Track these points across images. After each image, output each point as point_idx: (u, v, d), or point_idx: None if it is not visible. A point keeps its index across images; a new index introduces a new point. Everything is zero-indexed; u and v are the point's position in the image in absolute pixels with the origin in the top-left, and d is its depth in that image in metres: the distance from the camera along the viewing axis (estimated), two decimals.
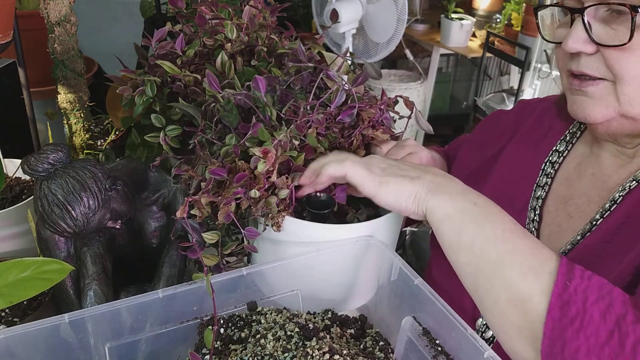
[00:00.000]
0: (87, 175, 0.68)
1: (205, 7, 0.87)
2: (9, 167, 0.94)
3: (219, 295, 0.59)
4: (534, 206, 0.81)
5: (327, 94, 0.73)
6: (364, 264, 0.70)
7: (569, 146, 0.83)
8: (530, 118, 0.91)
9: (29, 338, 0.55)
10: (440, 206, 0.62)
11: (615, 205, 0.71)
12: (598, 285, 0.55)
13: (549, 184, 0.82)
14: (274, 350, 0.56)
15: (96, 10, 2.63)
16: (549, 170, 0.83)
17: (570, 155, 0.83)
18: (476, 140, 0.99)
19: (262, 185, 0.65)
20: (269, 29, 0.87)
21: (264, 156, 0.63)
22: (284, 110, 0.71)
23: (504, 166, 0.88)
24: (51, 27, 1.07)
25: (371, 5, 2.07)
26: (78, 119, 1.18)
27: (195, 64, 0.84)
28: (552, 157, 0.84)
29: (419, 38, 3.45)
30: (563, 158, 0.83)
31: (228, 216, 0.65)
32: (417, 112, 0.81)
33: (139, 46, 0.89)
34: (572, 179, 0.80)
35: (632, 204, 0.69)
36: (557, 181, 0.82)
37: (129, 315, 0.60)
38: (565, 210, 0.78)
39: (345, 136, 0.76)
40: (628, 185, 0.71)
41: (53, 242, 0.72)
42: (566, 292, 0.54)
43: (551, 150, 0.84)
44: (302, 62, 0.73)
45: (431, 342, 0.59)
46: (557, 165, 0.83)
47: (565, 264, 0.57)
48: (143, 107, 0.80)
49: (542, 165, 0.84)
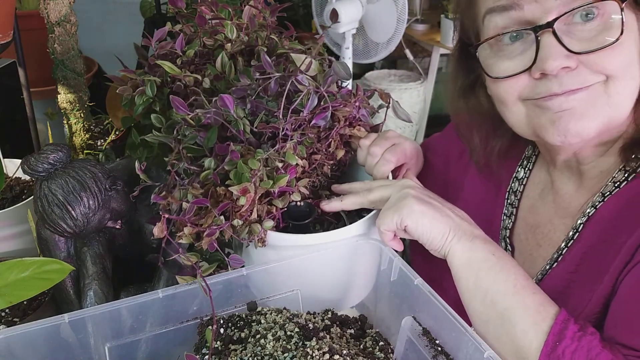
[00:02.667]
0: (87, 175, 0.68)
1: (205, 7, 0.87)
2: (9, 167, 0.94)
3: (218, 295, 0.59)
4: (504, 236, 0.81)
5: (299, 99, 0.70)
6: (363, 263, 0.70)
7: (527, 172, 0.82)
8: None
9: (29, 338, 0.55)
10: (464, 252, 0.64)
11: (577, 233, 0.70)
12: (587, 347, 0.56)
13: (514, 214, 0.81)
14: (273, 350, 0.56)
15: (96, 10, 2.63)
16: (513, 199, 0.82)
17: (530, 181, 0.82)
18: (440, 154, 0.96)
19: (245, 215, 0.65)
20: (269, 29, 0.87)
21: (243, 194, 0.63)
22: (256, 124, 0.69)
23: (469, 195, 0.87)
24: (51, 27, 1.07)
25: (371, 5, 2.07)
26: (78, 119, 1.18)
27: (195, 64, 0.84)
28: (513, 186, 0.82)
29: (419, 38, 3.45)
30: (523, 186, 0.82)
31: (212, 245, 0.64)
32: (395, 102, 0.80)
33: (139, 46, 0.89)
34: (537, 207, 0.80)
35: (590, 232, 0.68)
36: (523, 209, 0.81)
37: (129, 315, 0.60)
38: (534, 239, 0.78)
39: (322, 139, 0.74)
40: (587, 212, 0.70)
41: (53, 242, 0.72)
42: (554, 353, 0.57)
43: (511, 178, 0.83)
44: (268, 74, 0.70)
45: (431, 342, 0.59)
46: (519, 194, 0.82)
47: (559, 323, 0.58)
48: (143, 107, 0.80)
49: (505, 195, 0.83)
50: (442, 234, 0.64)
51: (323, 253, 0.66)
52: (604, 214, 0.68)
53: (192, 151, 0.70)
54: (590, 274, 0.66)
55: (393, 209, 0.66)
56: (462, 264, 0.64)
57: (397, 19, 2.09)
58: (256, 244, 0.68)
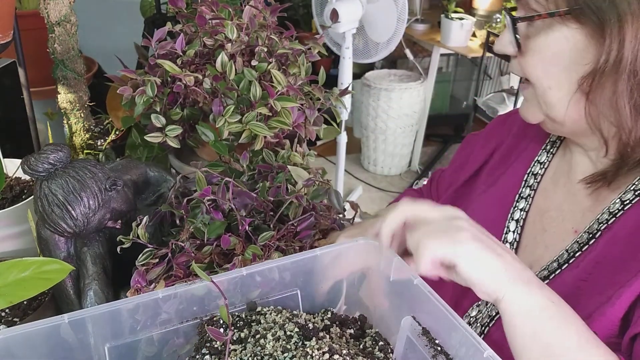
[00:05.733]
0: (87, 175, 0.68)
1: (206, 7, 0.87)
2: (9, 167, 0.94)
3: (218, 295, 0.59)
4: (517, 218, 0.80)
5: (290, 210, 0.72)
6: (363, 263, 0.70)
7: (550, 156, 0.82)
8: (512, 131, 0.89)
9: (29, 338, 0.55)
10: (521, 298, 0.56)
11: (593, 239, 0.69)
12: None
13: (532, 196, 0.81)
14: (273, 350, 0.56)
15: (96, 10, 2.63)
16: (532, 182, 0.82)
17: (550, 165, 0.82)
18: (455, 162, 0.98)
19: None
20: (269, 29, 0.87)
21: None
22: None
23: (487, 178, 0.88)
24: (51, 27, 1.07)
25: (371, 5, 2.07)
26: (78, 119, 1.18)
27: (196, 64, 0.84)
28: (533, 169, 0.83)
29: (419, 38, 3.45)
30: (545, 169, 0.82)
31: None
32: (360, 209, 0.80)
33: (139, 46, 0.89)
34: (548, 190, 0.80)
35: (609, 243, 0.68)
36: (538, 192, 0.81)
37: (129, 315, 0.60)
38: (541, 223, 0.78)
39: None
40: (606, 219, 0.69)
41: (53, 242, 0.72)
42: None
43: (533, 161, 0.83)
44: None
45: (430, 341, 0.59)
46: (539, 177, 0.82)
47: None
48: (143, 107, 0.80)
49: (523, 177, 0.83)
50: (495, 277, 0.56)
51: (323, 253, 0.66)
52: (625, 225, 0.67)
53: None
54: (601, 285, 0.65)
55: (447, 239, 0.57)
56: (518, 312, 0.56)
57: (397, 19, 2.10)
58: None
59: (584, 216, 0.73)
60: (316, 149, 3.29)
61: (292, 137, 0.88)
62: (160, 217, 0.74)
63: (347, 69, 2.20)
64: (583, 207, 0.74)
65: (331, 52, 2.27)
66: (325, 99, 0.91)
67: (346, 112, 1.78)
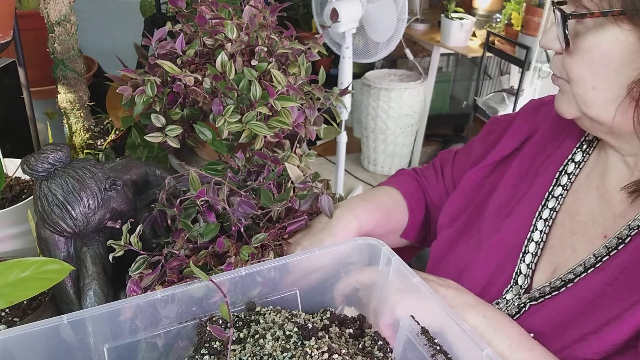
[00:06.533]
0: (87, 175, 0.68)
1: (206, 6, 0.87)
2: (9, 167, 0.94)
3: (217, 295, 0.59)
4: (546, 217, 0.78)
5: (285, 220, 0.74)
6: (362, 263, 0.70)
7: (585, 156, 0.79)
8: (547, 121, 0.86)
9: (29, 339, 0.55)
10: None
11: (623, 244, 0.68)
12: None
13: (563, 196, 0.78)
14: (272, 350, 0.56)
15: (96, 10, 2.63)
16: (565, 181, 0.78)
17: (585, 165, 0.79)
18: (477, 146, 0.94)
19: None
20: (269, 29, 0.87)
21: None
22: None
23: (518, 168, 0.85)
24: (51, 26, 1.07)
25: (371, 4, 2.07)
26: (78, 119, 1.18)
27: (196, 64, 0.84)
28: (567, 167, 0.79)
29: (419, 37, 3.45)
30: (580, 169, 0.78)
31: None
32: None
33: (139, 46, 0.89)
34: (580, 192, 0.77)
35: (634, 248, 0.67)
36: (570, 193, 0.78)
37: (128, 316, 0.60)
38: (571, 225, 0.75)
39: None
40: (637, 225, 0.67)
41: (53, 242, 0.72)
42: None
43: (566, 159, 0.80)
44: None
45: (430, 341, 0.59)
46: (573, 177, 0.78)
47: None
48: (143, 107, 0.80)
49: (555, 174, 0.79)
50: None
51: (322, 253, 0.66)
52: None
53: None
54: (627, 290, 0.65)
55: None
56: None
57: (397, 19, 2.10)
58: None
59: (615, 222, 0.71)
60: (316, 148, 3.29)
61: (292, 136, 0.88)
62: (152, 220, 0.74)
63: (347, 69, 2.20)
64: (615, 213, 0.71)
65: (331, 52, 2.27)
66: (325, 98, 0.91)
67: (346, 112, 1.78)
